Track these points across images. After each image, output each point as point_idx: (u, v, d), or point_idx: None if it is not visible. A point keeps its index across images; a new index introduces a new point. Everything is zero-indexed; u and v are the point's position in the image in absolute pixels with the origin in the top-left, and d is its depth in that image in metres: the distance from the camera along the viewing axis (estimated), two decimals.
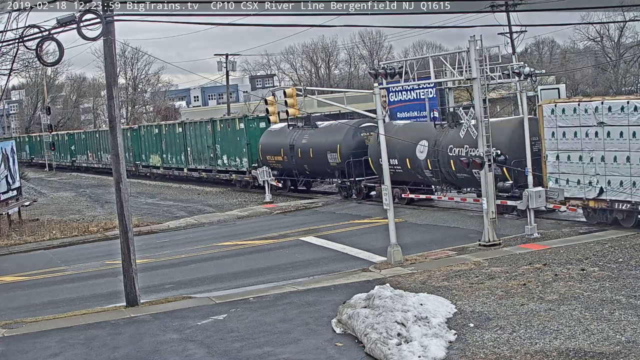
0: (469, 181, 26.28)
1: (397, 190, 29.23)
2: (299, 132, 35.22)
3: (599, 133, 21.77)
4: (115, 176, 17.33)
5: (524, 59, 53.56)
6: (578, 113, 22.38)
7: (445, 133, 27.16)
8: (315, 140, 34.03)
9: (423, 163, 27.98)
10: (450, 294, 15.45)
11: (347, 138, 32.38)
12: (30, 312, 17.71)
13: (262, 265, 21.06)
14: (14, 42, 19.21)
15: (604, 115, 21.61)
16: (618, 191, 21.53)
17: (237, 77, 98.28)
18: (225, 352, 13.17)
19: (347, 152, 32.13)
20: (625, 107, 21.05)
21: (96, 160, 62.78)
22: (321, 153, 33.34)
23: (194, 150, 45.03)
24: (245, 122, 39.86)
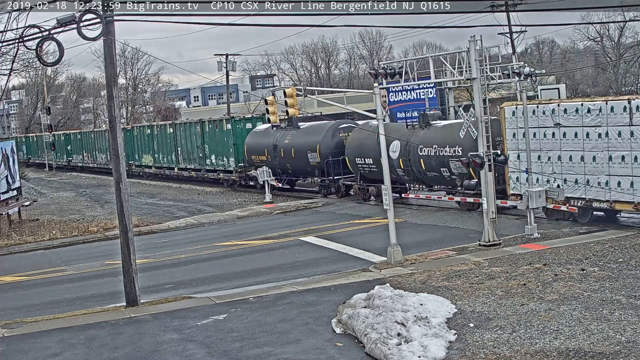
0: (439, 179, 27.67)
1: (372, 189, 31.04)
2: (282, 132, 36.43)
3: (555, 134, 23.06)
4: (115, 176, 17.32)
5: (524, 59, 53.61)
6: (537, 115, 23.57)
7: (416, 134, 28.45)
8: (296, 140, 35.29)
9: (396, 162, 28.94)
10: (450, 294, 15.45)
11: (326, 138, 33.62)
12: (30, 312, 17.71)
13: (262, 265, 21.06)
14: (14, 42, 19.22)
15: (560, 117, 22.93)
16: (574, 188, 22.78)
17: (237, 77, 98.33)
18: (225, 352, 13.17)
19: (327, 152, 33.32)
20: (579, 109, 22.40)
21: (91, 160, 63.99)
22: (302, 153, 34.55)
23: (184, 150, 46.32)
24: (232, 123, 41.36)
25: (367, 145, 30.16)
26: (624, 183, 21.20)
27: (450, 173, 26.98)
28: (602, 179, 21.80)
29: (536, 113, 23.59)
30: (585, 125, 22.16)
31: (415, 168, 28.53)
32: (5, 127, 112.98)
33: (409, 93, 44.35)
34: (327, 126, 34.20)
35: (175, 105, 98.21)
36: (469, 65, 20.71)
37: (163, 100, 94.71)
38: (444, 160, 26.97)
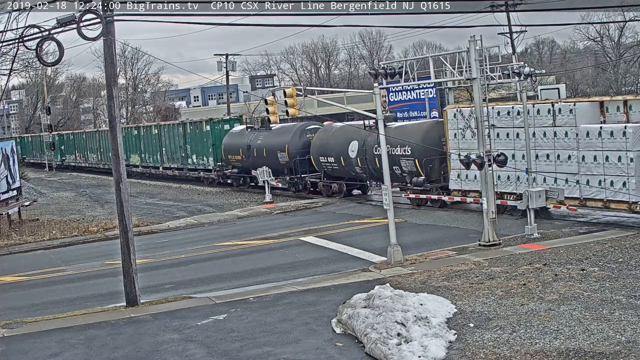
0: (393, 177, 28.01)
1: (335, 185, 33.58)
2: (255, 133, 38.88)
3: (491, 134, 24.09)
4: (115, 176, 17.34)
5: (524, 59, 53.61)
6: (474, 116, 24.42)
7: (372, 134, 29.16)
8: (268, 141, 37.46)
9: (354, 161, 31.38)
10: (450, 294, 15.45)
11: (294, 139, 35.80)
12: (30, 312, 17.71)
13: (262, 265, 21.06)
14: (14, 42, 19.21)
15: (494, 118, 24.90)
16: (507, 184, 24.95)
17: (237, 77, 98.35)
18: (225, 352, 13.17)
19: (295, 152, 35.40)
20: (510, 112, 24.73)
21: (83, 160, 66.14)
22: (273, 152, 36.66)
23: (168, 151, 48.51)
24: (210, 125, 43.70)
25: (329, 145, 32.89)
26: (549, 179, 23.38)
27: (402, 171, 28.95)
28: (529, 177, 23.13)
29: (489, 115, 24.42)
30: (516, 126, 24.35)
31: (371, 166, 30.26)
32: (5, 127, 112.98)
33: (409, 93, 44.37)
34: (295, 128, 36.56)
35: (175, 105, 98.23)
36: (469, 65, 20.69)
37: (163, 100, 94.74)
38: (396, 159, 28.66)
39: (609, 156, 21.94)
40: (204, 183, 44.52)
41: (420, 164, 27.98)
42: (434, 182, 28.07)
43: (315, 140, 34.37)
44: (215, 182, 43.36)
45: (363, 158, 30.79)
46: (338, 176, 33.44)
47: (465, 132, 25.66)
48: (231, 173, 41.68)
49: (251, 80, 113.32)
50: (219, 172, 42.58)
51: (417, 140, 27.60)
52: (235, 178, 41.58)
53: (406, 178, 29.06)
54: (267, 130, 38.10)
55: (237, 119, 45.48)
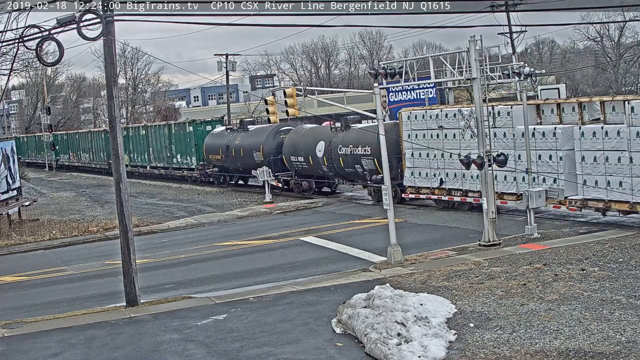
0: (354, 175, 32.24)
1: (305, 183, 35.49)
2: (234, 134, 40.96)
3: (439, 135, 26.98)
4: (115, 176, 17.33)
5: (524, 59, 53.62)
6: (425, 119, 27.70)
7: (337, 135, 32.74)
8: (245, 141, 39.54)
9: (321, 160, 33.55)
10: (450, 294, 15.45)
11: (269, 139, 37.85)
12: (30, 312, 17.71)
13: (262, 265, 21.06)
14: (14, 42, 19.21)
15: (442, 120, 26.85)
16: (453, 181, 26.92)
17: (237, 77, 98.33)
18: (225, 352, 13.17)
19: (269, 152, 37.43)
20: (456, 114, 26.30)
21: (76, 159, 68.38)
22: (249, 152, 38.80)
23: (155, 150, 50.61)
24: (193, 126, 46.10)
25: (299, 146, 35.13)
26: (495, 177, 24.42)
27: (363, 169, 31.16)
28: (474, 173, 24.63)
29: (425, 117, 27.66)
30: (460, 127, 26.02)
31: (336, 165, 32.70)
32: (5, 127, 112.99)
33: (409, 93, 44.33)
34: (269, 129, 38.38)
35: (175, 105, 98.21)
36: (469, 65, 20.69)
37: (163, 100, 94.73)
38: (358, 158, 31.13)
39: (541, 155, 23.56)
40: (188, 181, 46.61)
41: (378, 163, 29.04)
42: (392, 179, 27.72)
43: (287, 140, 36.29)
44: (197, 180, 45.28)
45: (329, 157, 32.98)
46: (308, 174, 35.38)
47: (465, 132, 25.68)
48: (212, 172, 43.54)
49: (251, 80, 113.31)
50: (201, 171, 44.48)
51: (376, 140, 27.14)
52: (216, 176, 43.51)
53: (366, 176, 31.18)
54: (244, 132, 40.29)
55: (218, 121, 47.03)
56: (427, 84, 36.21)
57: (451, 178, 26.96)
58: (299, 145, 35.23)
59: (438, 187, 27.53)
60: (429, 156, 27.64)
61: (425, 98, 42.42)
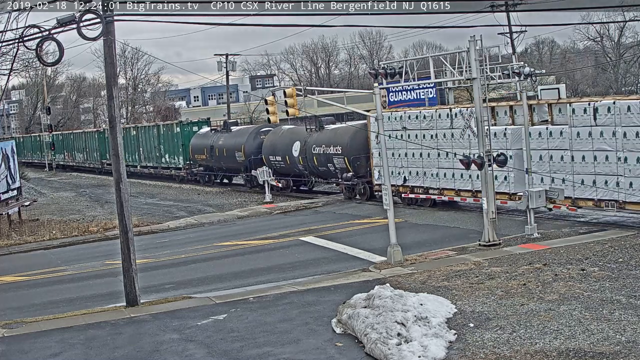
0: (327, 173, 34.03)
1: (283, 182, 36.95)
2: (218, 135, 42.77)
3: (403, 135, 28.61)
4: (115, 176, 17.32)
5: (524, 59, 53.59)
6: (390, 120, 29.05)
7: (312, 135, 34.37)
8: (228, 142, 41.31)
9: (297, 159, 35.30)
10: (450, 294, 15.44)
11: (249, 140, 39.62)
12: (30, 312, 17.71)
13: (262, 265, 21.06)
14: (14, 42, 19.21)
15: (406, 121, 28.63)
16: (416, 179, 28.73)
17: (237, 77, 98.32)
18: (225, 352, 13.17)
19: (250, 151, 39.15)
20: (418, 116, 27.98)
21: (71, 159, 70.61)
22: (232, 152, 40.60)
23: (145, 150, 52.64)
24: (180, 127, 48.18)
25: (277, 146, 36.92)
26: (448, 174, 27.12)
27: (335, 168, 33.01)
28: (434, 172, 27.63)
29: (390, 119, 29.10)
30: (423, 128, 27.79)
31: (311, 164, 34.38)
32: (5, 127, 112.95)
33: (409, 93, 44.34)
34: (250, 130, 40.90)
35: (175, 105, 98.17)
36: (469, 65, 20.68)
37: (163, 100, 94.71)
38: (330, 158, 32.94)
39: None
40: (176, 180, 48.54)
41: (349, 162, 31.84)
42: (361, 177, 31.96)
43: (266, 141, 38.12)
44: (184, 179, 47.27)
45: (304, 157, 34.71)
46: (285, 173, 37.04)
47: (465, 132, 25.69)
48: (197, 171, 45.51)
49: (251, 80, 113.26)
50: (187, 170, 46.38)
51: (345, 141, 32.01)
52: (201, 175, 45.39)
53: (338, 174, 33.06)
54: (227, 132, 42.16)
55: (204, 122, 48.73)
56: (427, 84, 36.21)
57: (414, 176, 28.78)
58: (277, 146, 36.91)
59: (402, 184, 29.25)
60: (394, 155, 29.06)
61: (425, 98, 42.43)
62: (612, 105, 21.30)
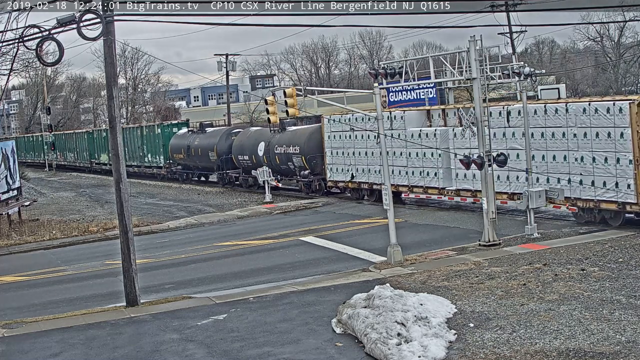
0: (288, 171, 36.74)
1: (251, 179, 39.51)
2: (194, 136, 45.60)
3: (350, 136, 31.74)
4: (115, 176, 17.33)
5: (524, 59, 53.56)
6: (340, 121, 32.20)
7: (275, 136, 37.17)
8: (202, 142, 44.04)
9: (262, 158, 37.79)
10: (450, 294, 15.45)
11: (221, 141, 42.09)
12: (30, 312, 17.71)
13: (262, 265, 21.06)
14: (14, 42, 19.22)
15: (354, 122, 30.88)
16: (362, 175, 31.44)
17: (237, 77, 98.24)
18: (225, 352, 13.17)
19: (222, 151, 41.81)
20: (364, 118, 29.08)
21: (62, 159, 73.14)
22: (205, 152, 43.31)
23: (129, 150, 53.95)
24: (161, 128, 51.07)
25: (245, 146, 39.70)
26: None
27: (294, 166, 35.70)
28: (377, 169, 30.20)
29: (340, 121, 32.17)
30: (368, 129, 29.21)
31: (274, 162, 36.76)
32: (5, 127, 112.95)
33: (409, 93, 44.35)
34: (222, 131, 43.71)
35: (175, 105, 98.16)
36: (469, 65, 20.69)
37: (163, 100, 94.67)
38: (289, 157, 35.66)
39: (425, 153, 28.16)
40: (157, 178, 51.14)
41: (306, 160, 34.63)
42: (317, 174, 34.80)
43: (236, 141, 40.76)
44: (165, 177, 49.78)
45: (268, 156, 37.28)
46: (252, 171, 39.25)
47: (465, 131, 25.60)
48: (176, 169, 48.24)
49: (251, 80, 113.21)
50: (167, 169, 49.07)
51: (302, 141, 34.93)
52: (180, 174, 48.05)
53: (297, 171, 35.72)
54: (202, 133, 44.90)
55: (184, 123, 51.38)
56: (427, 84, 36.22)
57: (360, 173, 31.65)
58: (244, 146, 39.78)
59: (350, 180, 32.25)
60: (343, 154, 32.40)
61: (425, 98, 42.43)
62: (522, 108, 22.93)
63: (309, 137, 34.76)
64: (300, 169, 35.24)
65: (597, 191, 22.00)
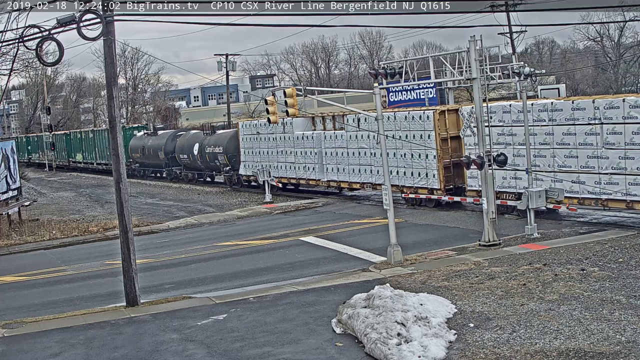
0: (216, 167, 43.34)
1: (190, 175, 47.16)
2: (148, 137, 52.13)
3: (257, 138, 37.96)
4: (115, 176, 17.33)
5: (524, 59, 53.55)
6: (250, 127, 38.75)
7: (206, 138, 43.61)
8: (154, 143, 50.70)
9: (196, 157, 44.57)
10: (450, 294, 15.44)
11: (168, 142, 48.77)
12: (30, 312, 17.71)
13: (262, 265, 21.06)
14: (14, 42, 19.21)
15: (259, 128, 37.64)
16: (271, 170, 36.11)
17: (237, 77, 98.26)
18: (225, 352, 13.17)
19: (168, 151, 48.60)
20: (265, 124, 35.60)
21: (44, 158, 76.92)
22: (156, 152, 50.03)
23: (99, 150, 61.17)
24: (124, 131, 53.72)
25: (185, 146, 46.31)
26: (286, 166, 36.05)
27: (219, 163, 42.23)
28: (275, 165, 36.51)
29: (250, 126, 38.83)
30: (268, 132, 36.83)
31: (205, 160, 43.53)
32: (6, 127, 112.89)
33: (409, 93, 44.34)
34: (169, 133, 50.69)
35: (175, 105, 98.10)
36: (469, 65, 20.69)
37: (163, 100, 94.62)
38: (216, 155, 42.25)
39: (307, 152, 34.21)
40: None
41: (228, 159, 41.09)
42: (236, 170, 40.58)
43: (179, 142, 47.63)
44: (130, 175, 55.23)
45: (201, 155, 43.76)
46: (191, 168, 46.90)
47: (465, 131, 25.68)
48: (135, 167, 54.25)
49: (251, 80, 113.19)
50: (128, 167, 49.96)
51: (225, 143, 41.36)
52: (137, 171, 54.12)
53: (221, 168, 42.14)
54: (155, 135, 51.64)
55: (143, 126, 58.80)
56: (427, 84, 36.26)
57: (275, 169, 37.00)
58: (184, 146, 46.32)
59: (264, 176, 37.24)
60: (252, 153, 38.62)
61: (425, 98, 42.42)
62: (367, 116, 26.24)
63: (230, 139, 41.17)
64: (224, 166, 41.79)
65: (415, 180, 28.44)
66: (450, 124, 27.62)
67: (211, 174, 46.05)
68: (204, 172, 46.33)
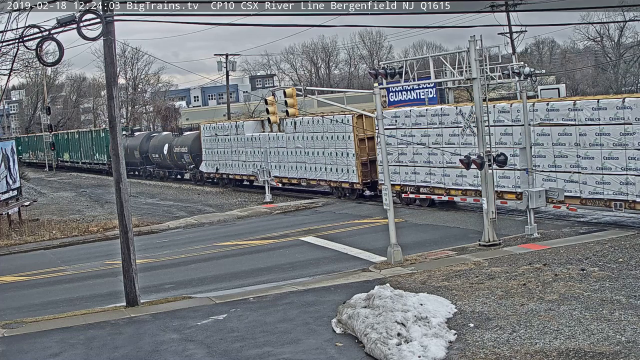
0: (183, 166, 47.84)
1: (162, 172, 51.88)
2: (126, 138, 53.73)
3: (215, 139, 42.02)
4: (115, 176, 17.32)
5: (524, 59, 53.53)
6: (210, 129, 42.67)
7: (175, 139, 48.31)
8: (131, 143, 54.25)
9: (166, 156, 49.01)
10: (450, 294, 15.44)
11: (143, 142, 53.34)
12: (30, 312, 17.71)
13: (262, 265, 21.06)
14: (14, 42, 19.21)
15: (218, 130, 41.94)
16: (223, 168, 41.36)
17: (237, 77, 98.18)
18: (225, 352, 13.17)
19: (142, 151, 53.01)
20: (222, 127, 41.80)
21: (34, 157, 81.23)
22: (132, 151, 53.31)
23: (84, 150, 65.53)
24: (105, 132, 59.15)
25: (157, 146, 50.57)
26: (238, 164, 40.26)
27: (185, 162, 46.89)
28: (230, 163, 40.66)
29: (210, 128, 42.94)
30: (224, 134, 41.23)
31: (173, 159, 48.31)
32: (6, 127, 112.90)
33: (409, 93, 44.35)
34: (144, 135, 55.70)
35: (175, 105, 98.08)
36: (469, 65, 20.68)
37: (163, 100, 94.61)
38: (182, 155, 46.86)
39: (255, 151, 38.43)
40: (102, 173, 59.97)
41: (192, 158, 45.46)
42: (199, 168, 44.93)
43: (152, 143, 51.76)
44: (107, 172, 56.04)
45: (170, 154, 48.39)
46: (163, 167, 51.27)
47: (465, 131, 25.66)
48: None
49: (251, 80, 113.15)
50: (109, 165, 54.77)
51: (190, 143, 45.70)
52: None
53: (187, 166, 46.70)
54: (132, 136, 56.05)
55: (124, 128, 60.37)
56: (427, 84, 36.24)
57: (222, 166, 41.80)
58: (156, 146, 50.51)
59: (216, 172, 42.63)
60: (212, 152, 42.52)
61: (425, 98, 42.41)
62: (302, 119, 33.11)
63: (194, 140, 45.35)
64: (189, 164, 46.35)
65: (339, 175, 32.82)
66: (367, 126, 31.32)
67: (180, 171, 50.07)
68: (173, 170, 50.65)
